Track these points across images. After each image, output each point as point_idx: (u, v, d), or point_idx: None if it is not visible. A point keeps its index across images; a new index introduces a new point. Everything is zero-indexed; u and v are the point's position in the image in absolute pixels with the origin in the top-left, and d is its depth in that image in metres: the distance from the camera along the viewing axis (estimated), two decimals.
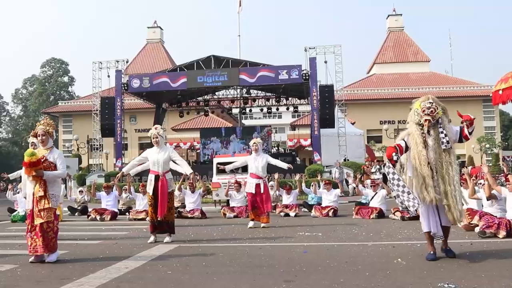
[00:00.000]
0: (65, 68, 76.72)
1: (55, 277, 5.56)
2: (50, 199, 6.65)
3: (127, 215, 14.47)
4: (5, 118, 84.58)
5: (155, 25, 63.63)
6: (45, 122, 6.97)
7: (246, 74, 28.61)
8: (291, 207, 14.20)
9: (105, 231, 10.99)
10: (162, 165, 8.71)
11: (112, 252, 7.45)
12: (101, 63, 32.01)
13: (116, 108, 29.78)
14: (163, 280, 5.29)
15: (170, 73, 30.08)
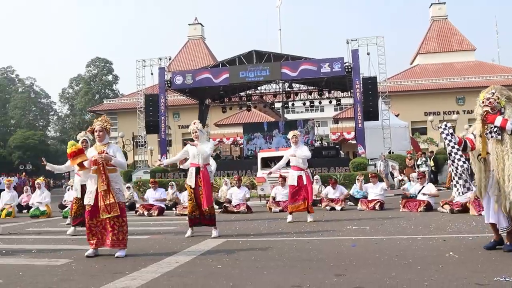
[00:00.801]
0: (109, 67, 78.24)
1: (108, 271, 5.69)
2: (115, 193, 6.77)
3: (173, 211, 14.67)
4: (53, 117, 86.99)
5: (195, 22, 64.03)
6: (102, 119, 7.10)
7: (288, 68, 28.53)
8: (337, 201, 14.12)
9: (153, 226, 11.17)
10: (202, 157, 8.77)
11: (162, 247, 7.57)
12: (144, 61, 32.49)
13: (160, 105, 30.19)
14: (213, 275, 5.34)
15: (212, 69, 30.26)
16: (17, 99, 79.22)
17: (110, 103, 58.29)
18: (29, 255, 7.19)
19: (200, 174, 8.66)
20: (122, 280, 5.16)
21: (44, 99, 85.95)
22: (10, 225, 12.56)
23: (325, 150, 27.82)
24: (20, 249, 7.83)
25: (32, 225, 12.38)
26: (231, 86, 31.29)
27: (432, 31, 58.46)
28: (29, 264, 6.40)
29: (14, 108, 78.45)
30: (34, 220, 14.22)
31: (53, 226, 11.97)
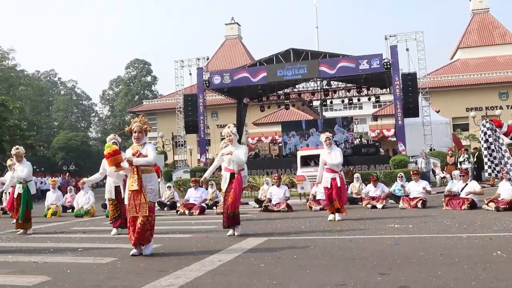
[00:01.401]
0: (148, 68, 79.37)
1: (152, 270, 5.77)
2: (147, 193, 6.86)
3: (214, 209, 14.77)
4: (94, 119, 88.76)
5: (232, 22, 64.32)
6: (141, 120, 7.18)
7: (326, 66, 28.34)
8: (378, 199, 13.98)
9: (194, 225, 11.26)
10: (236, 164, 8.81)
11: (204, 246, 7.63)
12: (182, 62, 32.77)
13: (199, 105, 30.41)
14: (256, 273, 5.36)
15: (250, 68, 30.31)
16: (59, 102, 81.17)
17: (150, 103, 59.08)
18: (75, 253, 7.36)
19: (234, 179, 8.73)
20: (166, 279, 5.22)
21: (85, 101, 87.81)
22: (55, 224, 12.87)
23: (365, 148, 27.50)
24: (67, 248, 8.02)
25: (77, 224, 12.65)
26: (269, 84, 31.26)
27: (473, 24, 57.20)
28: (76, 262, 6.55)
29: (57, 110, 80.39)
30: (79, 219, 14.53)
31: (97, 225, 12.21)
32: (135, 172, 6.89)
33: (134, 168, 6.89)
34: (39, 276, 5.55)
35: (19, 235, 10.33)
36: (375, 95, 34.87)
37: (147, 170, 6.98)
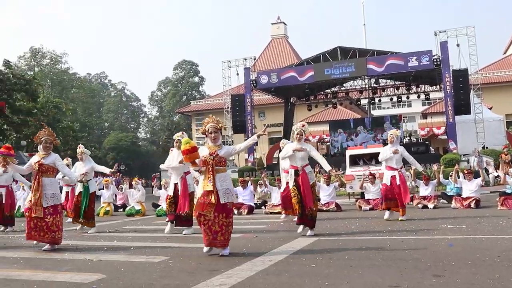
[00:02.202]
0: (195, 69, 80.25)
1: (204, 269, 5.82)
2: (223, 194, 6.82)
3: (263, 209, 14.81)
4: (143, 120, 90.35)
5: (278, 21, 64.27)
6: (214, 120, 7.12)
7: (374, 64, 28.07)
8: (429, 198, 13.70)
9: (243, 225, 11.30)
10: (301, 160, 8.80)
11: (254, 246, 7.66)
12: (229, 62, 33.03)
13: (246, 105, 30.60)
14: (308, 274, 5.34)
15: (297, 68, 30.28)
16: (110, 103, 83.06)
17: (197, 104, 59.68)
18: (128, 252, 7.51)
19: (299, 176, 8.70)
20: (218, 278, 5.26)
21: (134, 102, 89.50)
22: (108, 223, 13.16)
23: (414, 146, 27.04)
24: (120, 246, 8.19)
25: (128, 223, 12.91)
26: (316, 83, 31.18)
27: None
28: (129, 260, 6.67)
29: (108, 112, 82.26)
30: (130, 218, 14.82)
31: (148, 225, 12.42)
32: (210, 171, 6.88)
33: (209, 168, 6.88)
34: (95, 274, 5.69)
35: (75, 233, 10.60)
36: (425, 93, 34.28)
37: (221, 170, 6.99)
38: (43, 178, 8.17)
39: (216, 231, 6.78)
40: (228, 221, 6.85)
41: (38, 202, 8.04)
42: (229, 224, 6.87)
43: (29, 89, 39.31)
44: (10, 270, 6.22)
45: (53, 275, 5.80)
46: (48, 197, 8.10)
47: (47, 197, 8.10)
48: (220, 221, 6.79)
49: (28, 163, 8.60)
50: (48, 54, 65.41)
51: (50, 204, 8.10)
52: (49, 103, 45.52)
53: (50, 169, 8.34)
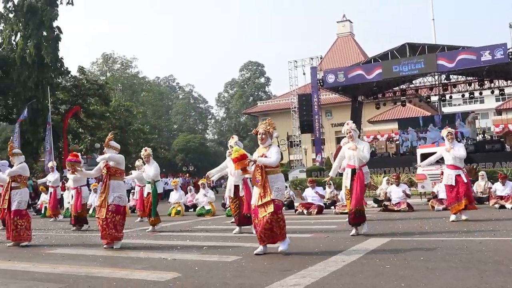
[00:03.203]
0: (261, 70, 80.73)
1: (277, 269, 5.82)
2: (272, 191, 6.88)
3: (332, 209, 14.68)
4: (211, 121, 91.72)
5: (344, 19, 63.65)
6: (267, 122, 7.29)
7: (444, 59, 27.27)
8: (507, 198, 13.15)
9: (314, 225, 11.24)
10: (358, 159, 8.68)
11: (326, 246, 7.60)
12: (296, 62, 33.04)
13: (313, 104, 30.46)
14: (383, 275, 5.23)
15: (364, 65, 29.87)
16: (178, 106, 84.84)
17: (264, 104, 59.99)
18: (201, 251, 7.62)
19: (355, 175, 8.62)
20: (292, 278, 5.25)
21: (202, 104, 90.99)
22: (180, 223, 13.41)
23: (489, 144, 25.99)
24: (193, 245, 8.33)
25: (199, 223, 13.11)
26: (384, 81, 30.62)
27: None
28: (202, 259, 6.77)
29: (176, 114, 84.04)
30: (201, 218, 15.05)
31: (219, 224, 12.56)
32: (259, 173, 6.98)
33: (259, 170, 6.98)
34: (170, 272, 5.81)
35: (148, 233, 10.88)
36: (499, 88, 32.96)
37: (272, 171, 7.04)
38: (111, 181, 8.45)
39: (269, 228, 6.85)
40: (276, 217, 6.86)
41: (103, 204, 8.33)
42: (279, 220, 6.89)
43: (102, 94, 40.72)
44: (91, 268, 6.46)
45: (130, 272, 5.98)
46: (114, 197, 8.38)
47: (113, 198, 8.38)
48: (270, 219, 6.82)
49: (97, 167, 8.93)
50: (119, 59, 67.63)
51: (115, 203, 8.37)
52: (121, 107, 47.00)
53: (118, 172, 8.60)
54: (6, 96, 36.74)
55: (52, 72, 36.73)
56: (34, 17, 34.52)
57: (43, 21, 34.61)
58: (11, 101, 36.96)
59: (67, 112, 37.47)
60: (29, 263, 7.14)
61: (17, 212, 9.37)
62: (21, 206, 9.45)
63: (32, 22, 34.58)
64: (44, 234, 11.48)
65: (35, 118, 33.81)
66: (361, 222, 8.71)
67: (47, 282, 5.67)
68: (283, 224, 6.94)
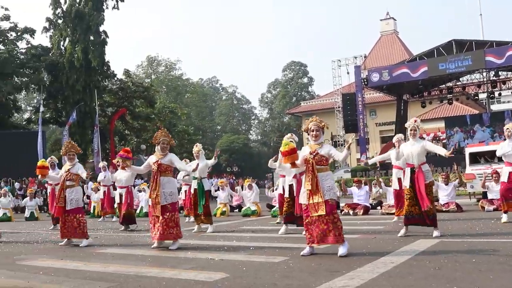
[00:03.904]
0: (304, 70, 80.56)
1: (325, 270, 5.78)
2: (324, 191, 6.78)
3: (378, 210, 14.52)
4: (254, 121, 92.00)
5: (387, 17, 62.73)
6: (317, 119, 7.13)
7: (493, 55, 26.61)
8: None
9: (360, 225, 11.14)
10: (417, 157, 8.50)
11: (374, 247, 7.50)
12: (339, 61, 32.81)
13: (358, 104, 30.20)
14: (434, 277, 5.12)
15: (409, 64, 29.43)
16: (222, 107, 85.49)
17: (307, 104, 59.75)
18: (248, 251, 7.63)
19: (415, 174, 8.43)
20: (341, 279, 5.20)
21: (245, 105, 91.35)
22: (226, 223, 13.50)
23: None
24: (239, 246, 8.36)
25: (245, 224, 13.16)
26: (430, 79, 30.11)
27: None
28: (249, 260, 6.77)
29: (220, 115, 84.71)
30: (246, 218, 15.11)
31: (265, 225, 12.58)
32: (310, 171, 6.88)
33: (310, 167, 6.88)
34: (218, 273, 5.84)
35: (194, 233, 10.97)
36: None
37: (322, 169, 6.94)
38: (161, 177, 8.51)
39: (324, 229, 6.75)
40: (333, 217, 6.76)
41: (157, 201, 8.41)
42: (336, 220, 6.78)
43: (147, 96, 41.45)
44: (140, 267, 6.56)
45: (178, 272, 6.04)
46: (167, 195, 8.42)
47: (165, 195, 8.41)
48: (325, 219, 6.75)
49: (145, 163, 9.02)
50: (163, 61, 68.65)
51: (168, 202, 8.41)
52: (165, 108, 47.72)
53: (168, 169, 8.69)
54: (55, 99, 37.85)
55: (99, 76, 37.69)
56: (81, 23, 35.45)
57: (90, 26, 35.51)
58: (60, 104, 38.05)
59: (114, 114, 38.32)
60: (81, 262, 7.30)
61: (76, 210, 9.60)
62: (78, 204, 9.69)
63: (80, 27, 35.53)
64: (93, 234, 11.71)
65: (83, 120, 34.72)
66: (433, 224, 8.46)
67: (98, 281, 5.78)
68: (341, 224, 6.82)
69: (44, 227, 14.68)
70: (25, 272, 6.61)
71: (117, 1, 37.90)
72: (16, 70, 35.76)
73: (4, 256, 8.42)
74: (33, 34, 38.53)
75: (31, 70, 36.84)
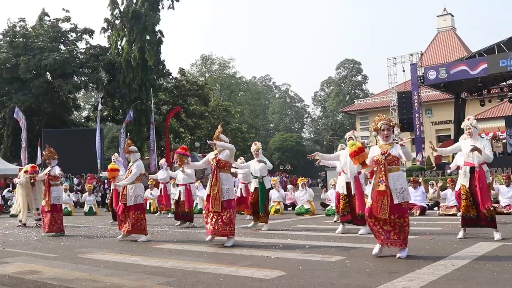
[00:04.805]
0: (358, 68, 79.72)
1: (383, 271, 5.69)
2: (394, 193, 6.62)
3: (435, 210, 14.21)
4: (307, 120, 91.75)
5: (445, 13, 61.20)
6: (386, 118, 6.95)
7: None
8: None
9: (417, 226, 10.89)
10: (477, 157, 8.26)
11: (432, 248, 7.34)
12: (395, 59, 32.28)
13: (413, 102, 29.63)
14: (498, 282, 4.95)
15: (468, 61, 28.65)
16: (275, 105, 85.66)
17: (361, 103, 59.08)
18: (303, 250, 7.61)
19: (475, 173, 8.20)
20: (400, 281, 5.11)
21: (298, 103, 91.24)
22: (279, 221, 13.49)
23: None
24: (294, 244, 8.35)
25: (299, 222, 13.13)
26: (490, 77, 29.17)
27: None
28: (305, 258, 6.75)
29: (273, 113, 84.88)
30: (300, 217, 15.07)
31: (319, 224, 12.52)
32: (382, 171, 6.71)
33: (381, 168, 6.71)
34: (275, 271, 5.85)
35: (249, 230, 11.03)
36: None
37: (394, 169, 6.76)
38: (220, 173, 8.58)
39: (388, 230, 6.62)
40: (402, 221, 6.60)
41: (217, 197, 8.47)
42: (405, 225, 6.62)
43: (201, 94, 41.97)
44: (197, 263, 6.65)
45: (235, 269, 6.08)
46: (224, 192, 8.49)
47: (223, 192, 8.48)
48: (393, 222, 6.60)
49: (204, 159, 9.16)
50: (217, 60, 69.22)
51: (226, 198, 8.47)
52: (219, 107, 48.17)
53: (227, 165, 8.76)
54: (113, 98, 38.83)
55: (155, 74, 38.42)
56: (138, 23, 36.20)
57: (146, 26, 36.22)
58: (117, 102, 38.99)
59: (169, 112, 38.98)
60: (139, 256, 7.47)
61: (137, 207, 9.84)
62: (138, 200, 9.90)
63: (136, 27, 36.30)
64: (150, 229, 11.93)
65: (139, 118, 35.47)
66: (493, 226, 8.20)
67: (157, 275, 5.89)
68: (408, 229, 6.67)
69: (102, 222, 15.10)
70: (86, 265, 6.82)
71: (173, 1, 38.57)
72: (76, 70, 36.86)
73: (66, 249, 8.72)
74: (92, 34, 39.73)
75: (90, 70, 37.92)
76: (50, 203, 11.25)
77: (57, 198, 11.43)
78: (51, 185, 11.40)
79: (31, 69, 34.11)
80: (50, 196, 11.29)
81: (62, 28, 39.15)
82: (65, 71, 35.35)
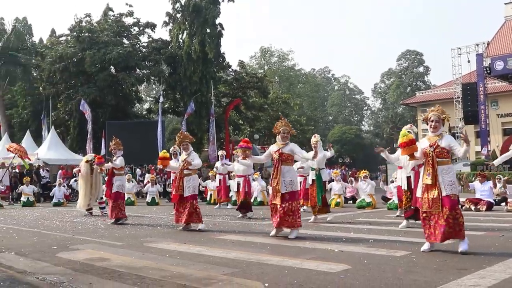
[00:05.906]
0: (420, 59, 77.91)
1: (451, 267, 5.56)
2: (445, 186, 6.50)
3: (503, 206, 13.75)
4: (367, 112, 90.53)
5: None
6: (438, 109, 6.84)
7: None
8: None
9: (483, 222, 10.60)
10: None
11: (502, 245, 7.12)
12: (459, 49, 31.34)
13: (479, 94, 28.69)
14: None
15: None
16: (334, 97, 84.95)
17: (423, 95, 57.64)
18: (367, 244, 7.52)
19: None
20: (470, 278, 4.98)
21: (357, 95, 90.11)
22: (341, 214, 13.39)
23: None
24: (358, 238, 8.26)
25: (361, 216, 12.99)
26: None
27: None
28: (370, 253, 6.67)
29: (332, 105, 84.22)
30: (361, 210, 14.91)
31: (381, 217, 12.34)
32: (429, 164, 6.60)
33: (429, 161, 6.60)
34: (340, 264, 5.81)
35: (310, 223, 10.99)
36: None
37: (444, 161, 6.62)
38: (282, 166, 8.58)
39: (442, 225, 6.44)
40: (454, 213, 6.42)
41: (277, 189, 8.49)
42: (457, 216, 6.43)
43: (261, 86, 42.06)
44: (261, 255, 6.68)
45: (300, 262, 6.07)
46: (287, 184, 8.47)
47: (286, 184, 8.46)
48: (445, 215, 6.42)
49: (266, 152, 9.18)
50: (276, 52, 69.18)
51: (288, 190, 8.46)
52: (278, 99, 48.18)
53: (290, 158, 8.75)
54: (174, 90, 39.48)
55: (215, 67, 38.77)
56: (198, 16, 36.60)
57: (206, 19, 36.56)
58: (178, 94, 39.61)
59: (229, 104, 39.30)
60: (203, 247, 7.57)
61: (194, 197, 10.07)
62: (195, 191, 10.16)
63: (197, 21, 36.71)
64: (211, 220, 12.11)
65: (199, 110, 35.92)
66: None
67: (222, 266, 5.96)
68: (462, 221, 6.48)
69: (165, 212, 15.39)
70: (153, 254, 6.99)
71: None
72: (138, 63, 37.65)
73: (132, 238, 8.97)
74: (154, 28, 40.46)
75: (152, 63, 38.65)
76: (114, 191, 11.68)
77: (120, 186, 11.89)
78: (114, 174, 11.84)
79: (96, 63, 35.10)
80: (113, 184, 11.72)
81: (126, 22, 40.04)
82: (128, 65, 36.19)
